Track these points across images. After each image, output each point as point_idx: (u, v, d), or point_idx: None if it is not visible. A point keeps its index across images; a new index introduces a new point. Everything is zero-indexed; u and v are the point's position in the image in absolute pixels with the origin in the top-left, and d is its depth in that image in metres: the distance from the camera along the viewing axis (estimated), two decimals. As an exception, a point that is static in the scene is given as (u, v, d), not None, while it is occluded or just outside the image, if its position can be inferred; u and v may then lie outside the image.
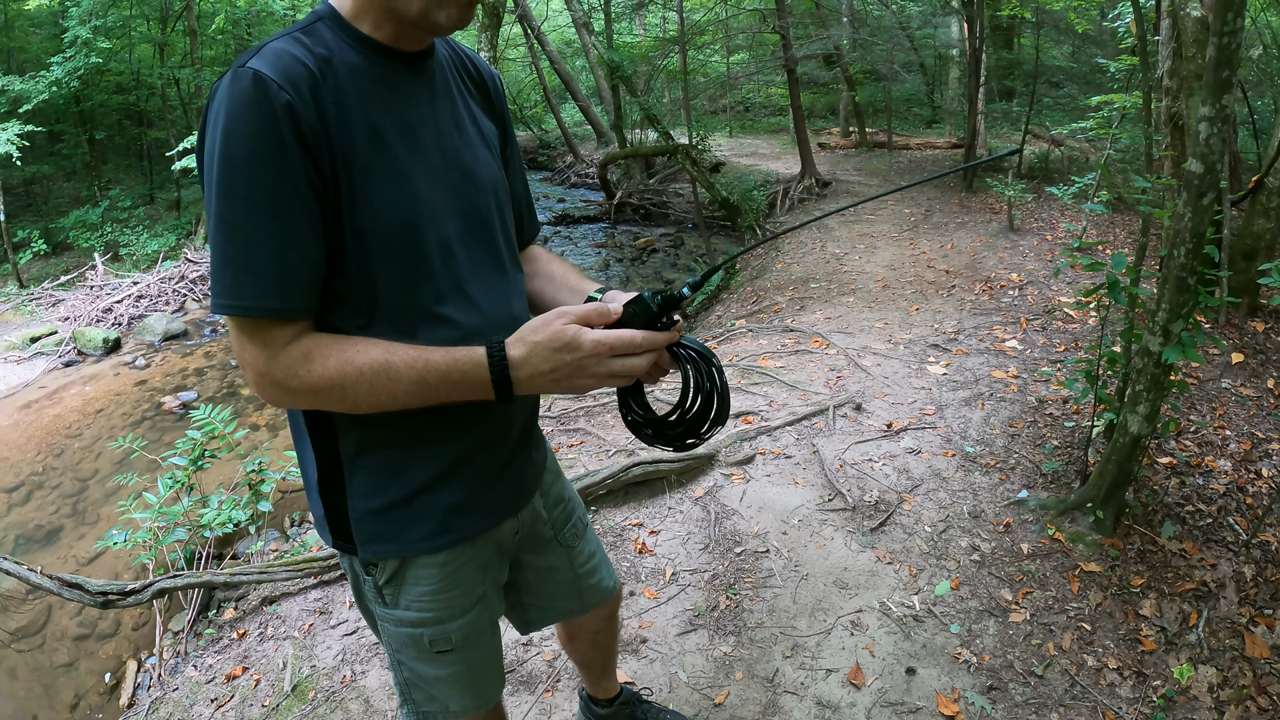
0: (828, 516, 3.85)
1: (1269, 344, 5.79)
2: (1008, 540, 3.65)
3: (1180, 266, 3.09)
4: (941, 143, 15.70)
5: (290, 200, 1.19)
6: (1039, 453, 4.33)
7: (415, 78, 1.37)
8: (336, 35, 1.28)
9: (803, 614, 3.27)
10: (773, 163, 15.33)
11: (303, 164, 1.19)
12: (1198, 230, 3.03)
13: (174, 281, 11.01)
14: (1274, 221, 5.90)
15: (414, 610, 1.53)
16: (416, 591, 1.51)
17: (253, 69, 1.16)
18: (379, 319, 1.32)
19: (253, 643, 3.35)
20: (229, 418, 4.75)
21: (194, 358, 8.81)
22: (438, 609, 1.53)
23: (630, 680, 2.94)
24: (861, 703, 2.85)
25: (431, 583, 1.51)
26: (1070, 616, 3.22)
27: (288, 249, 1.20)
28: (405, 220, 1.30)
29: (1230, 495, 3.91)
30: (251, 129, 1.15)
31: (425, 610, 1.53)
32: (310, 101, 1.20)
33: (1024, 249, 8.46)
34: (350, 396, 1.26)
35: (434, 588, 1.51)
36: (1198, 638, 3.11)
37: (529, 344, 1.27)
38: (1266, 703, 2.83)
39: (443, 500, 1.44)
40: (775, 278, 8.61)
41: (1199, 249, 3.07)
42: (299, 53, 1.22)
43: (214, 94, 1.19)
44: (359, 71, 1.28)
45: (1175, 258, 3.10)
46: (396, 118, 1.32)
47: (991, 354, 5.69)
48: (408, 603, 1.52)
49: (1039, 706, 2.84)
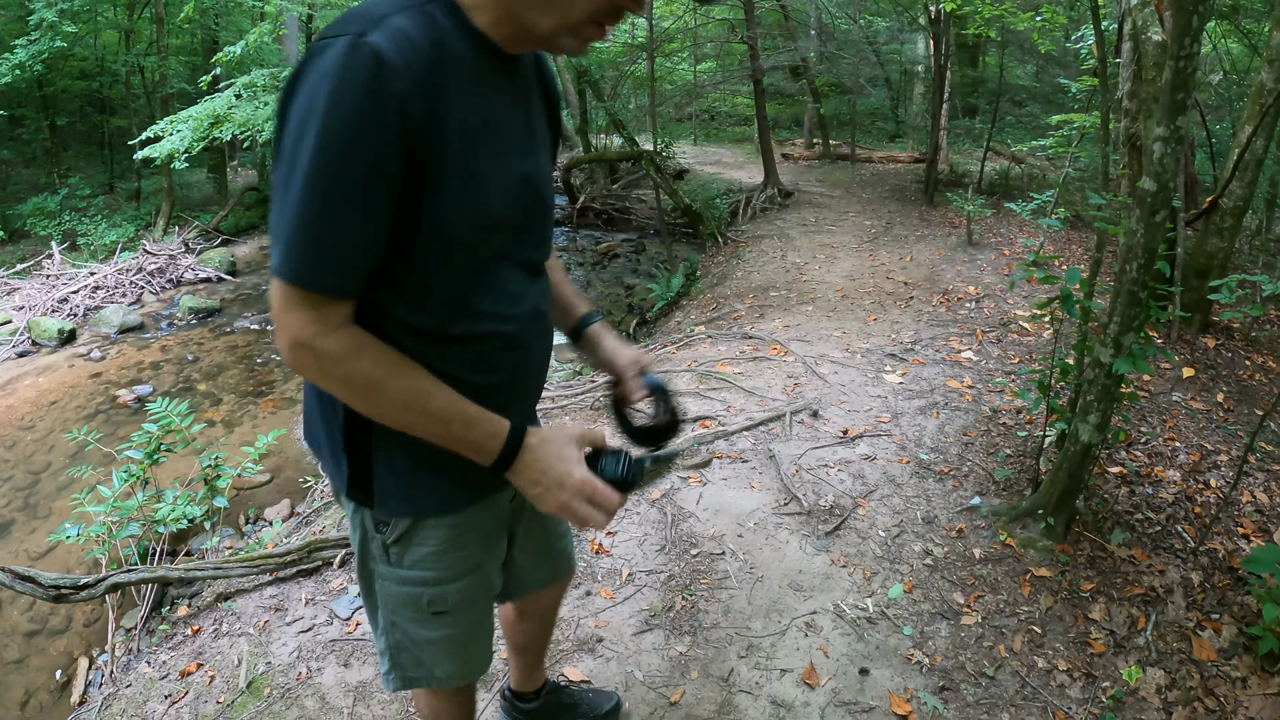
0: (783, 520, 3.89)
1: (1219, 359, 5.92)
2: (960, 545, 3.70)
3: (1132, 281, 3.16)
4: (904, 157, 15.88)
5: (377, 188, 1.19)
6: (992, 461, 4.39)
7: (507, 80, 1.38)
8: (451, 22, 1.26)
9: (758, 615, 3.29)
10: (736, 172, 15.43)
11: (398, 156, 1.19)
12: (1150, 246, 3.10)
13: (131, 273, 10.85)
14: (1227, 241, 6.04)
15: (418, 570, 1.57)
16: (422, 552, 1.55)
17: (374, 47, 1.14)
18: (428, 308, 1.34)
19: (207, 639, 3.32)
20: (185, 411, 4.70)
21: (150, 351, 8.69)
22: (439, 570, 1.57)
23: (587, 679, 2.95)
24: (816, 702, 2.88)
25: (438, 544, 1.55)
26: (1021, 620, 3.28)
27: (362, 234, 1.22)
28: (476, 224, 1.32)
29: (1179, 504, 3.99)
30: (360, 111, 1.14)
31: (428, 570, 1.57)
32: (421, 93, 1.19)
33: (982, 263, 8.58)
34: (377, 404, 1.31)
35: (439, 549, 1.56)
36: (1146, 641, 3.17)
37: (543, 443, 1.38)
38: (1214, 704, 2.90)
39: (459, 467, 1.44)
40: (736, 285, 8.65)
41: (1150, 264, 3.14)
42: (419, 37, 1.19)
43: (322, 52, 1.15)
44: (466, 65, 1.27)
45: (1127, 272, 3.17)
46: (486, 119, 1.32)
47: (947, 364, 5.77)
48: (412, 562, 1.56)
49: (990, 706, 2.89)
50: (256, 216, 13.91)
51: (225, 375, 8.05)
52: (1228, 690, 2.97)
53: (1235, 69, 10.75)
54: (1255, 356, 6.09)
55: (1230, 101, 10.17)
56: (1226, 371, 5.76)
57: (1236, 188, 5.93)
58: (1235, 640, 3.17)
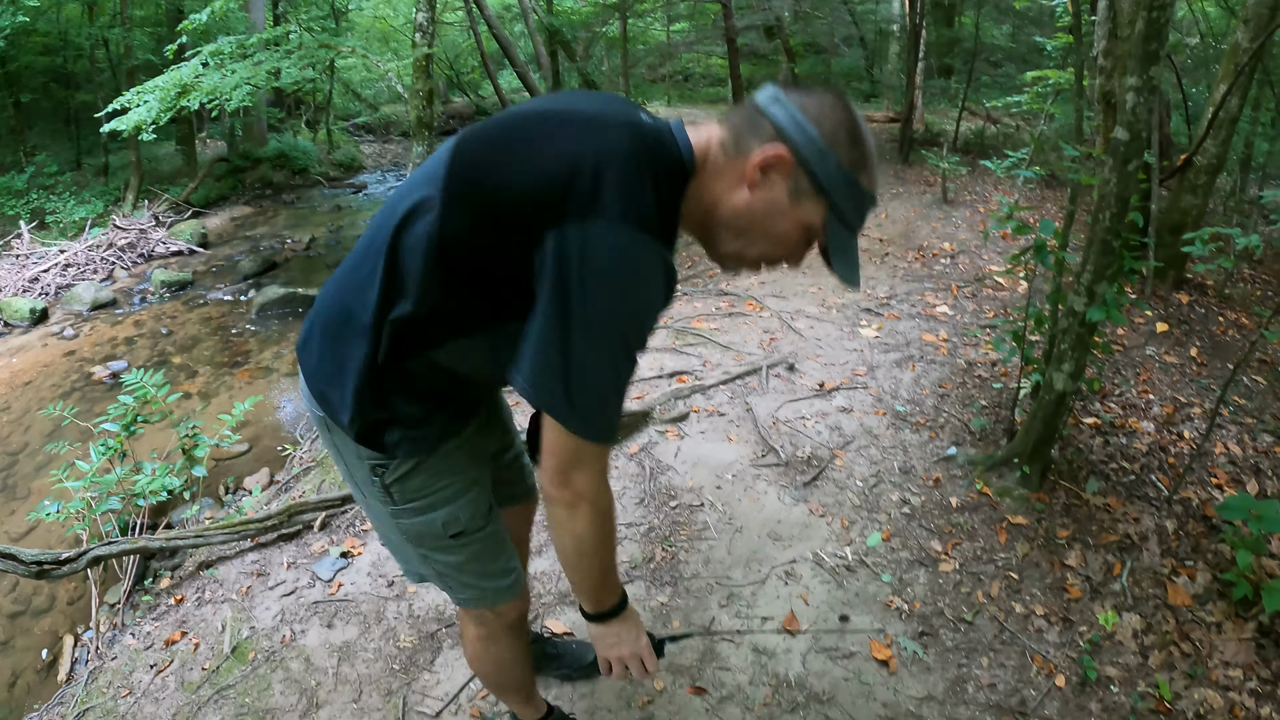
0: (761, 471, 3.91)
1: (1193, 315, 5.97)
2: (937, 494, 3.74)
3: (1105, 230, 3.17)
4: (879, 116, 15.79)
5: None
6: (968, 412, 4.43)
7: None
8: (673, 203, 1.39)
9: (737, 565, 3.32)
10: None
11: None
12: (1123, 195, 3.11)
13: (102, 249, 10.69)
14: (1201, 198, 6.09)
15: (421, 499, 1.68)
16: (418, 483, 1.66)
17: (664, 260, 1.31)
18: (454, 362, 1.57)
19: (190, 607, 3.31)
20: (161, 382, 4.66)
21: (123, 326, 8.59)
22: (439, 493, 1.69)
23: (569, 631, 2.97)
24: (797, 648, 2.91)
25: (431, 471, 1.67)
26: (998, 566, 3.32)
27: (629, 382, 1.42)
28: None
29: (1153, 454, 4.03)
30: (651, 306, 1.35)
31: (430, 496, 1.68)
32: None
33: (957, 220, 8.59)
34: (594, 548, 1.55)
35: (432, 475, 1.67)
36: (1122, 587, 3.22)
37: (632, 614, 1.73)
38: (1189, 648, 2.95)
39: (454, 405, 1.67)
40: (708, 245, 8.58)
41: (1124, 213, 3.15)
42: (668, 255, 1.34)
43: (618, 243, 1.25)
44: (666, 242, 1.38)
45: (1101, 221, 3.18)
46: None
47: (923, 319, 5.80)
48: (411, 494, 1.68)
49: (969, 651, 2.93)
50: (227, 187, 13.76)
51: (200, 347, 7.98)
52: (1202, 635, 3.02)
53: (1212, 31, 10.74)
54: (1228, 313, 6.15)
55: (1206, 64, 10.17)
56: (1200, 327, 5.81)
57: (1211, 146, 5.97)
58: (1209, 586, 3.21)
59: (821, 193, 1.38)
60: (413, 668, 2.85)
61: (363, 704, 2.72)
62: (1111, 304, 3.23)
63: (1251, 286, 7.07)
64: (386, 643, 2.96)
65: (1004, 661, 2.91)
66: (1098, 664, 2.89)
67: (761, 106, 1.39)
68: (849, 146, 1.38)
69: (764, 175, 1.37)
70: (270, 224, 12.52)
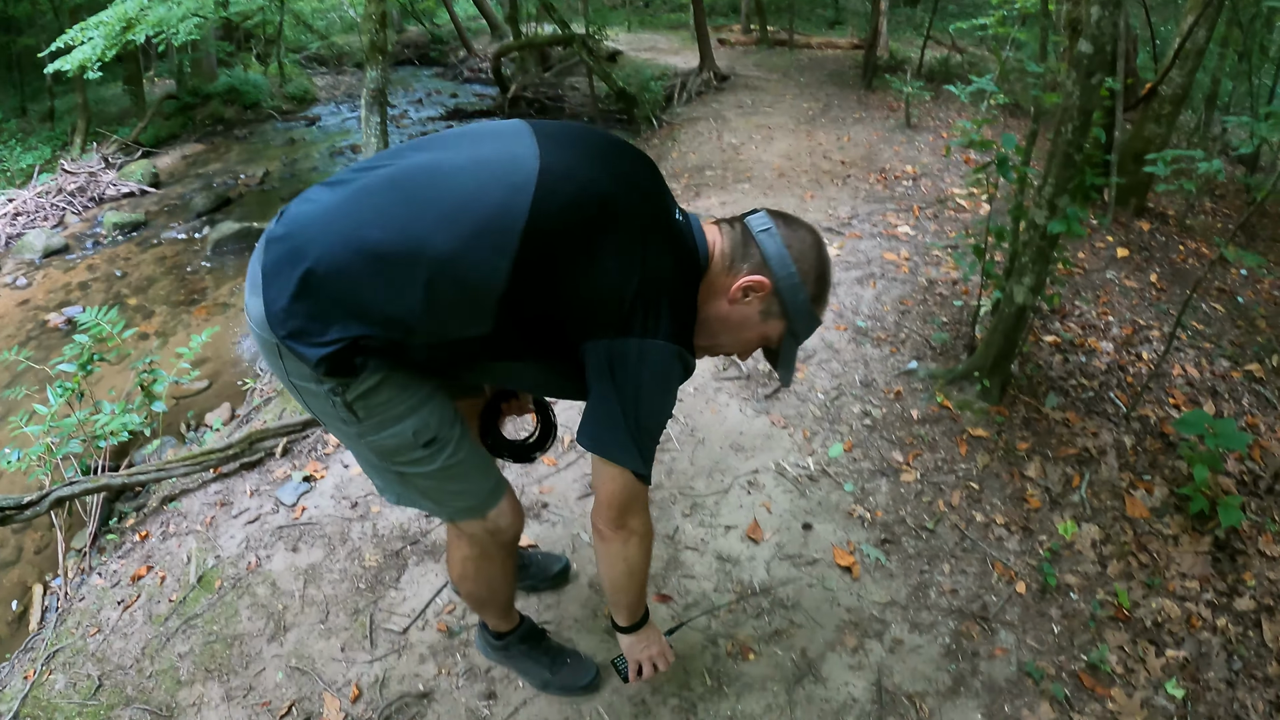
0: (722, 385, 3.92)
1: (1153, 242, 6.02)
2: (898, 407, 3.76)
3: (1067, 143, 3.16)
4: (843, 43, 15.66)
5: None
6: (929, 328, 4.45)
7: None
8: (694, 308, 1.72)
9: (700, 475, 3.34)
10: (671, 57, 15.09)
11: None
12: (1085, 109, 3.09)
13: (51, 195, 10.40)
14: (1164, 128, 6.11)
15: (386, 409, 1.68)
16: (383, 396, 1.66)
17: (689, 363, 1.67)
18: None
19: (156, 542, 3.28)
20: (116, 319, 4.56)
21: (77, 272, 8.41)
22: (405, 402, 1.69)
23: (534, 543, 2.99)
24: (760, 556, 2.95)
25: (392, 385, 1.67)
26: (959, 476, 3.36)
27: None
28: None
29: (1112, 373, 4.08)
30: (677, 386, 1.71)
31: (396, 407, 1.69)
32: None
33: (920, 144, 8.56)
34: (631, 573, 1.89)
35: (394, 388, 1.67)
36: (1081, 498, 3.27)
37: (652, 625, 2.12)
38: (1146, 559, 3.01)
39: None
40: (671, 166, 8.52)
41: (1086, 127, 3.14)
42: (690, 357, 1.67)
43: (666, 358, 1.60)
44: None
45: (1063, 134, 3.16)
46: None
47: (884, 238, 5.78)
48: (377, 408, 1.67)
49: (931, 558, 2.98)
50: (177, 126, 13.43)
51: (155, 287, 7.85)
52: (1160, 546, 3.08)
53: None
54: (1189, 242, 6.20)
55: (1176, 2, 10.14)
56: (1160, 254, 5.85)
57: (1176, 76, 5.97)
58: (1166, 500, 3.28)
59: (786, 317, 1.73)
60: (379, 586, 2.85)
61: (330, 624, 2.73)
62: (1073, 217, 3.23)
63: (1212, 219, 7.13)
64: (352, 563, 2.96)
65: (965, 568, 2.95)
66: (1057, 572, 2.95)
67: (754, 233, 1.72)
68: (815, 284, 1.72)
69: (745, 294, 1.70)
70: (223, 160, 12.25)
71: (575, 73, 14.43)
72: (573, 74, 14.64)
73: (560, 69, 15.00)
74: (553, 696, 2.45)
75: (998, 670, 2.60)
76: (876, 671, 2.57)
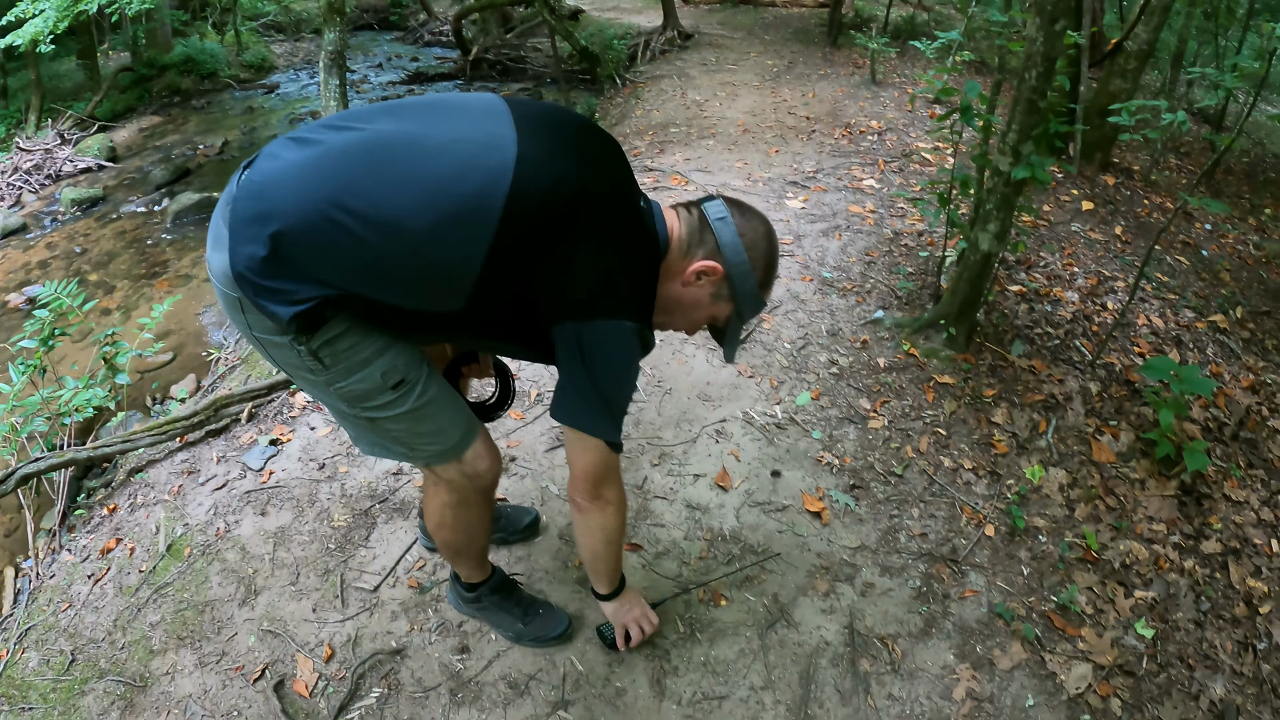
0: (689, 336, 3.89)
1: (1118, 196, 6.06)
2: (865, 355, 3.77)
3: (1031, 89, 3.16)
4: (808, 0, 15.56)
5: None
6: (894, 277, 4.45)
7: None
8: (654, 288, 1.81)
9: (668, 425, 3.34)
10: (634, 17, 14.92)
11: None
12: (1049, 54, 3.09)
13: (7, 175, 10.16)
14: (1130, 83, 6.14)
15: (353, 354, 1.69)
16: (348, 341, 1.67)
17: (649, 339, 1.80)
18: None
19: (124, 514, 3.24)
20: (76, 291, 4.48)
21: (36, 250, 8.26)
22: (370, 346, 1.70)
23: (503, 497, 2.98)
24: (730, 503, 2.96)
25: (358, 330, 1.67)
26: (926, 423, 3.38)
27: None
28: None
29: (1077, 322, 4.11)
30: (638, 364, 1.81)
31: (362, 352, 1.69)
32: None
33: (885, 99, 8.55)
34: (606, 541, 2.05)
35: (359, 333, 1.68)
36: (1048, 443, 3.30)
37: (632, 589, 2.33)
38: (1114, 503, 3.06)
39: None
40: (635, 124, 8.45)
41: (1050, 73, 3.14)
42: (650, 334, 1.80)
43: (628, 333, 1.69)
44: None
45: (1027, 80, 3.16)
46: None
47: (849, 191, 5.77)
48: (343, 354, 1.68)
49: (900, 502, 3.00)
50: (133, 98, 13.18)
51: (116, 262, 7.72)
52: (1127, 490, 3.13)
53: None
54: (1154, 197, 6.25)
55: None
56: (1125, 208, 5.90)
57: (1142, 31, 6.00)
58: (1133, 445, 3.32)
59: (734, 300, 1.87)
60: (348, 545, 2.84)
61: (300, 585, 2.71)
62: (1037, 164, 3.24)
63: (1177, 175, 7.19)
64: (321, 524, 2.94)
65: (934, 512, 2.98)
66: (1026, 515, 2.99)
67: (710, 220, 1.83)
68: (764, 271, 1.86)
69: (698, 278, 1.82)
70: (181, 131, 12.05)
71: (538, 33, 14.25)
72: (535, 34, 14.45)
73: (522, 30, 14.81)
74: (526, 648, 2.45)
75: (968, 612, 2.63)
76: (848, 615, 2.59)
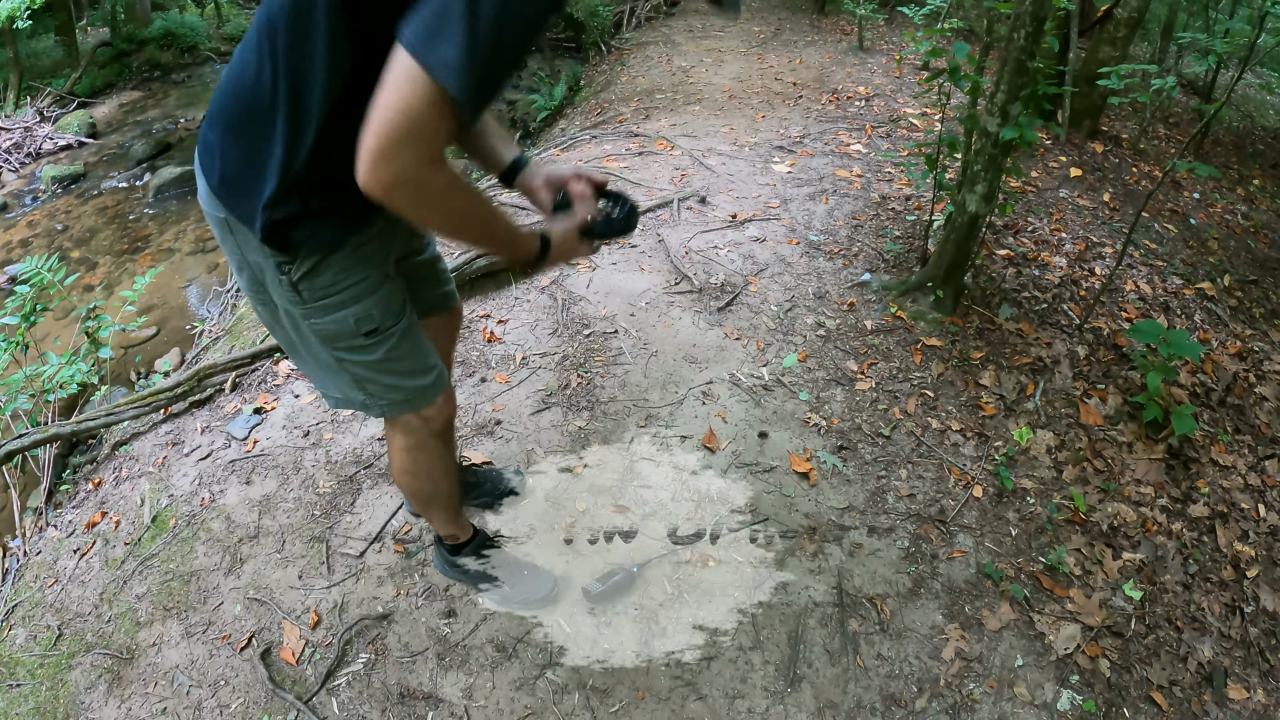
0: (675, 299, 3.88)
1: (1106, 164, 6.05)
2: (852, 318, 3.76)
3: (1020, 50, 3.14)
4: (794, -31, 15.43)
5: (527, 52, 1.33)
6: (881, 241, 4.44)
7: None
8: None
9: (654, 387, 3.33)
10: (619, -15, 14.85)
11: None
12: (1038, 15, 3.07)
13: (-15, 154, 10.13)
14: (1119, 50, 6.12)
15: (329, 295, 1.66)
16: (327, 278, 1.63)
17: None
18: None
19: (109, 488, 3.22)
20: (57, 265, 4.44)
21: (17, 229, 8.18)
22: (349, 289, 1.67)
23: (488, 460, 2.97)
24: (717, 464, 2.95)
25: (338, 267, 1.64)
26: (914, 385, 3.37)
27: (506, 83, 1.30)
28: None
29: (1064, 286, 4.10)
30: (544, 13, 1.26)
31: (340, 292, 1.66)
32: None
33: (873, 66, 8.49)
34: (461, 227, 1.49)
35: (340, 271, 1.64)
36: (1035, 406, 3.30)
37: (561, 240, 1.71)
38: (1101, 465, 3.07)
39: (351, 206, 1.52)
40: (620, 90, 8.42)
41: (1039, 34, 3.12)
42: None
43: None
44: None
45: (1015, 40, 3.14)
46: None
47: (836, 156, 5.74)
48: (321, 290, 1.65)
49: (888, 464, 3.00)
50: (113, 74, 13.05)
51: (98, 238, 7.67)
52: (1114, 453, 3.13)
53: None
54: (1142, 165, 6.24)
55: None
56: (1114, 175, 5.89)
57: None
58: (1120, 409, 3.32)
59: None
60: (334, 512, 2.82)
61: (286, 553, 2.70)
62: (1025, 124, 3.22)
63: (1166, 144, 7.17)
64: (306, 491, 2.92)
65: (922, 474, 2.97)
66: (1014, 477, 2.99)
67: None
68: None
69: None
70: (161, 106, 11.95)
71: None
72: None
73: None
74: (513, 610, 2.44)
75: (957, 572, 2.63)
76: (837, 575, 2.58)
